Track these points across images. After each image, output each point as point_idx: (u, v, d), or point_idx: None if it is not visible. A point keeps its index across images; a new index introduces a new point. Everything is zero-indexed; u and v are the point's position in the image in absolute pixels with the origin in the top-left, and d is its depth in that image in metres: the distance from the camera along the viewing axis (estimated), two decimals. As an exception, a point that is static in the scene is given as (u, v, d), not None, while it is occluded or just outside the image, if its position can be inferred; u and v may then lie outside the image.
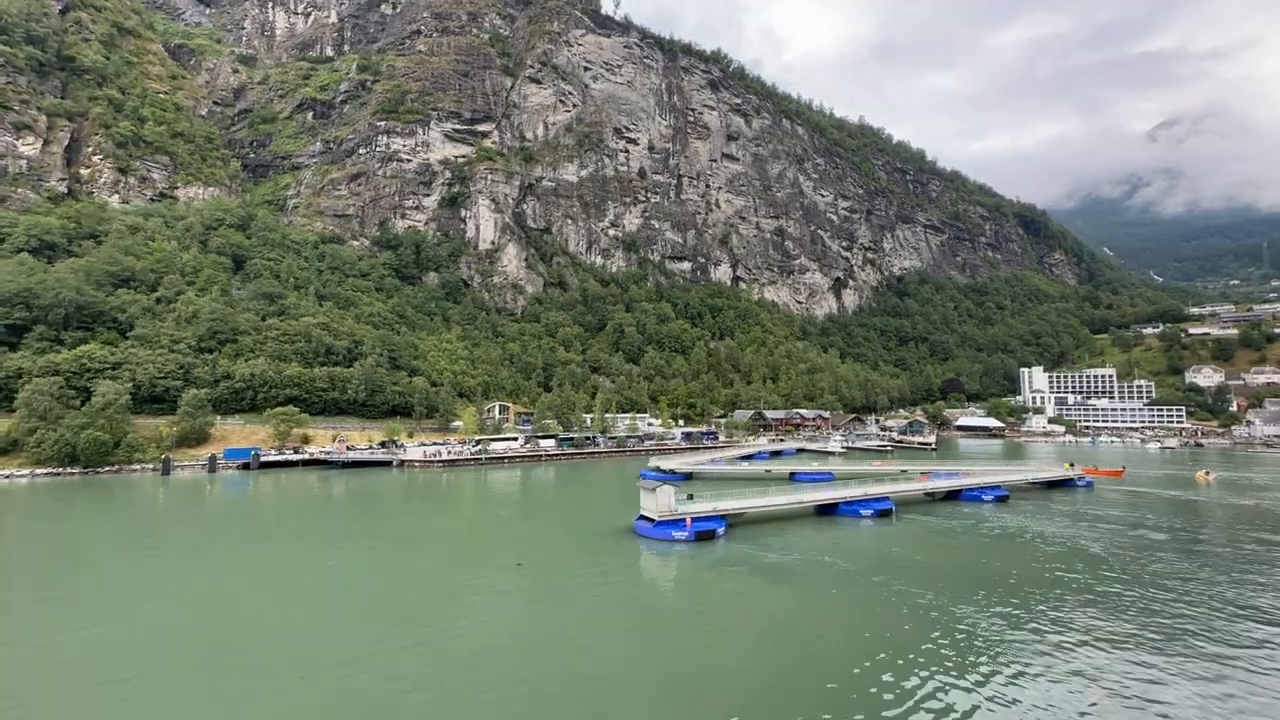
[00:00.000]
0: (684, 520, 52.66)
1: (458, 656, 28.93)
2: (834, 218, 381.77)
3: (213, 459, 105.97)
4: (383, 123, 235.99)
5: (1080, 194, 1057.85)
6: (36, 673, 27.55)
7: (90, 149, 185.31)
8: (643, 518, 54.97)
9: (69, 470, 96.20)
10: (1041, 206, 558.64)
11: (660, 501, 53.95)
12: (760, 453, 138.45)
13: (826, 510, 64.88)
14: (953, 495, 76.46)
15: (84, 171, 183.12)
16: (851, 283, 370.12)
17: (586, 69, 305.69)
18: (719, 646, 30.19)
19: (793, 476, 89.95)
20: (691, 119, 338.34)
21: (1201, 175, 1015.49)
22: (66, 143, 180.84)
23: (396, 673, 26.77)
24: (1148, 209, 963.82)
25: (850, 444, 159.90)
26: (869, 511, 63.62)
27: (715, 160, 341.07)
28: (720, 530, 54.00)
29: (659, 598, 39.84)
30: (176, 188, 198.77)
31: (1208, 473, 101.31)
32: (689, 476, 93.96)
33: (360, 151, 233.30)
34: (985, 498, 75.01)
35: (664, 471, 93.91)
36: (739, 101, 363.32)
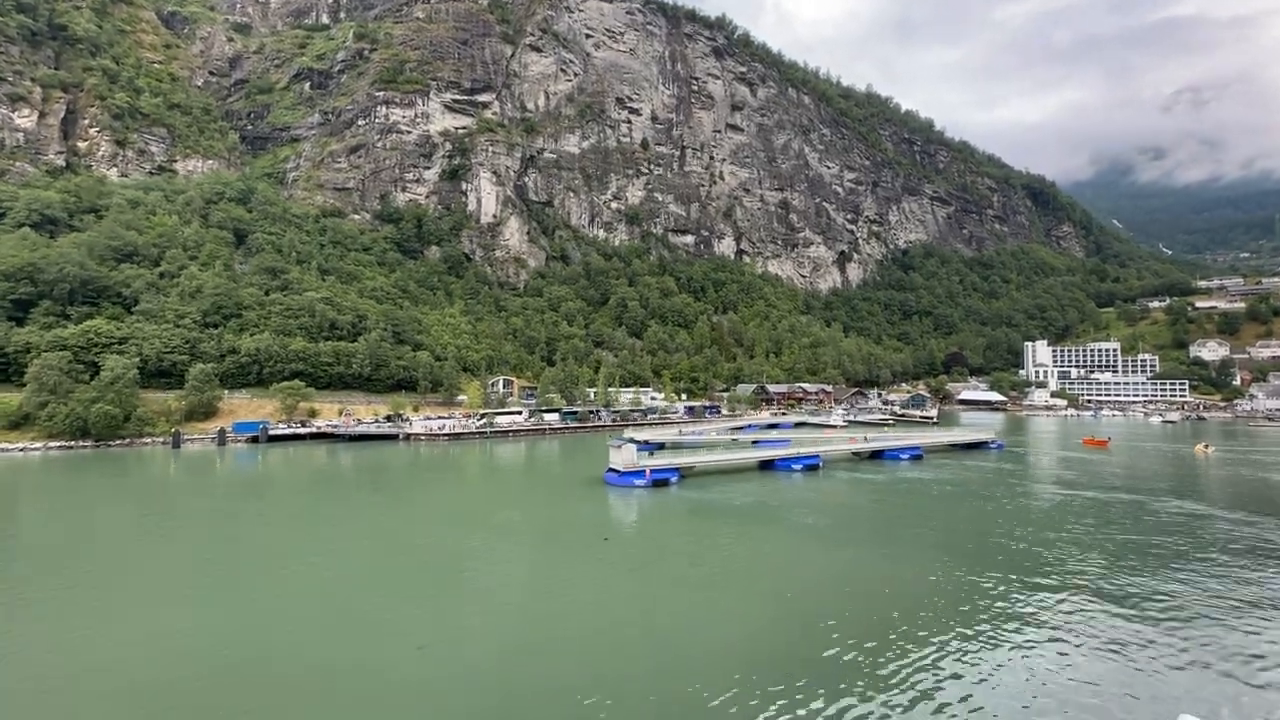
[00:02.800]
0: (644, 471, 65.11)
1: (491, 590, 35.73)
2: (839, 190, 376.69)
3: (222, 432, 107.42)
4: (381, 93, 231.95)
5: (1092, 164, 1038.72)
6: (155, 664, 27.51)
7: (87, 121, 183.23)
8: (611, 470, 66.73)
9: (81, 444, 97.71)
10: (1051, 177, 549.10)
11: (624, 456, 66.43)
12: (752, 424, 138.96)
13: (766, 465, 78.17)
14: (877, 455, 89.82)
15: (81, 144, 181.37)
16: (856, 256, 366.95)
17: (588, 36, 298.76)
18: (655, 550, 44.03)
19: (755, 444, 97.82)
20: (695, 88, 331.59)
21: (1222, 144, 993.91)
22: (62, 115, 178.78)
23: (486, 619, 31.20)
24: (1160, 180, 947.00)
25: (853, 417, 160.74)
26: (799, 466, 77.34)
27: (719, 131, 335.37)
28: (673, 479, 66.68)
29: (618, 523, 52.51)
30: (175, 161, 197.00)
31: (1207, 445, 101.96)
32: (661, 446, 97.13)
33: (359, 123, 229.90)
34: (902, 456, 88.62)
35: (638, 443, 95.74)
36: (744, 70, 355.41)
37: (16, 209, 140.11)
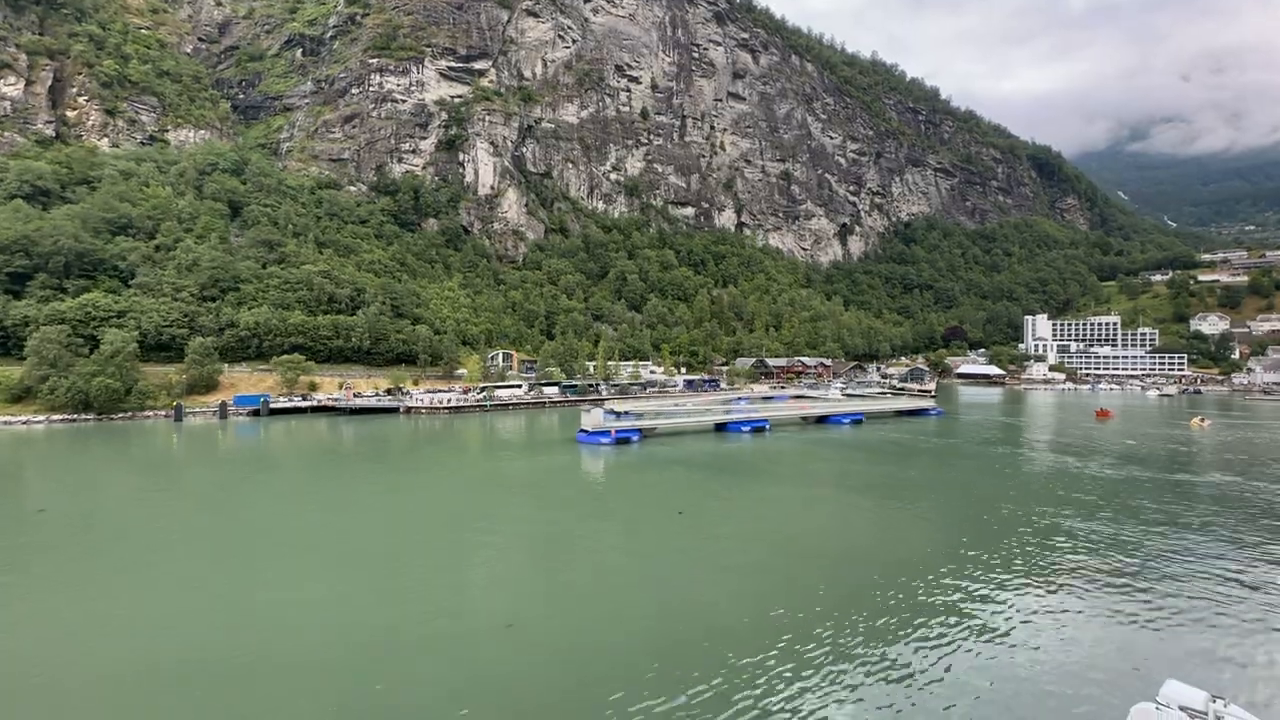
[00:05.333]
0: (609, 431, 75.89)
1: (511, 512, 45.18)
2: (842, 161, 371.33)
3: (223, 406, 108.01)
4: (375, 60, 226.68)
5: (1105, 133, 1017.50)
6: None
7: (75, 89, 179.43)
8: (582, 431, 76.89)
9: (83, 417, 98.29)
10: (1062, 147, 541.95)
11: (592, 419, 77.57)
12: (744, 397, 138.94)
13: (721, 428, 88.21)
14: (822, 420, 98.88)
15: (70, 114, 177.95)
16: (858, 229, 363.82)
17: (586, 1, 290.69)
18: (608, 489, 56.75)
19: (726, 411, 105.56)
20: (696, 55, 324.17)
21: (1243, 112, 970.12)
22: (50, 83, 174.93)
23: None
24: (1168, 150, 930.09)
25: (851, 391, 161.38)
26: (747, 429, 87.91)
27: (720, 100, 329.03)
28: (635, 438, 77.66)
29: (585, 470, 64.13)
30: (166, 130, 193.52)
31: (1203, 419, 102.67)
32: (639, 416, 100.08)
33: (353, 91, 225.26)
34: (844, 421, 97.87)
35: (616, 412, 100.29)
36: (746, 36, 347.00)
37: (8, 180, 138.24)
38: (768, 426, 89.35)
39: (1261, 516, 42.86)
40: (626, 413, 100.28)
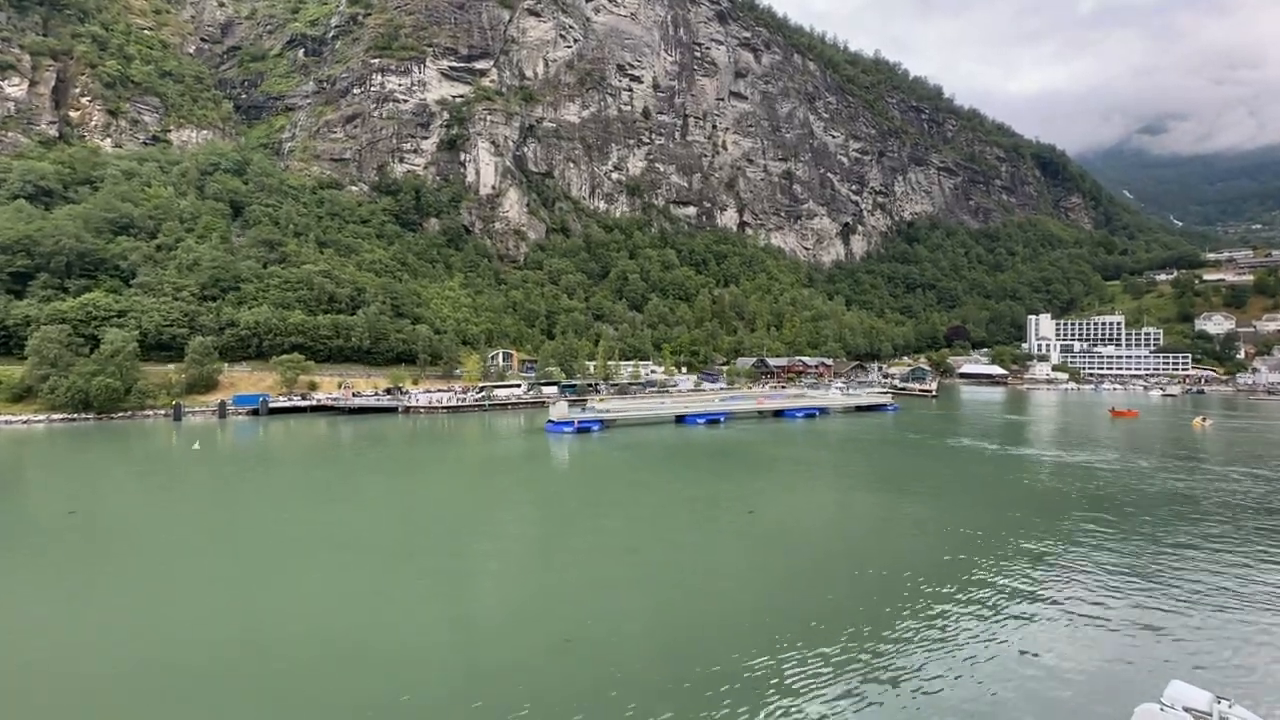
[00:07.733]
0: (572, 421, 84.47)
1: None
2: (844, 160, 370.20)
3: (222, 405, 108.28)
4: (376, 60, 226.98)
5: (1111, 131, 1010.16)
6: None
7: (78, 90, 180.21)
8: (550, 421, 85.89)
9: (84, 416, 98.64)
10: (1068, 145, 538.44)
11: (558, 410, 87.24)
12: (738, 395, 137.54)
13: (680, 419, 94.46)
14: (779, 413, 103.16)
15: (73, 114, 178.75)
16: (860, 228, 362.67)
17: (588, 0, 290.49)
18: (563, 468, 65.41)
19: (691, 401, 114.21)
20: (698, 54, 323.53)
21: (1258, 110, 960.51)
22: (53, 84, 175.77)
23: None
24: (1174, 149, 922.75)
25: (851, 391, 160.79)
26: (702, 420, 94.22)
27: (722, 99, 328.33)
28: (596, 428, 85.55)
29: (548, 452, 73.91)
30: (169, 130, 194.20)
31: (1204, 418, 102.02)
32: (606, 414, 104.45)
33: (354, 91, 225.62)
34: (798, 415, 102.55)
35: (600, 409, 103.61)
36: (748, 35, 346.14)
37: (11, 180, 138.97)
38: (723, 419, 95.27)
39: (1264, 517, 42.45)
40: (607, 409, 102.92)
